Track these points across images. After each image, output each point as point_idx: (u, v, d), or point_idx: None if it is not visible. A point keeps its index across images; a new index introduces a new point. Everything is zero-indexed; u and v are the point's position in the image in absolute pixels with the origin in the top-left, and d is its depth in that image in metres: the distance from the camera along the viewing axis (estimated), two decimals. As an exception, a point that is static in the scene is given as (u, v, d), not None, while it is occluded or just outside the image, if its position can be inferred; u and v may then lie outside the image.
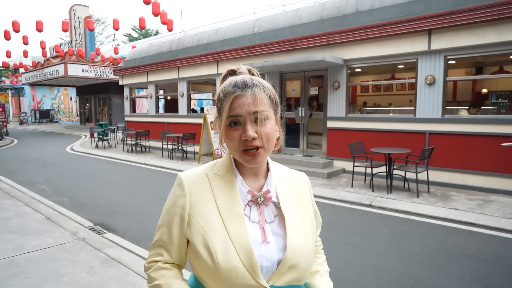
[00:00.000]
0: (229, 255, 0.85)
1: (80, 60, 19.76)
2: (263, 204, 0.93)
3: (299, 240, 0.91)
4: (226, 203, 0.91)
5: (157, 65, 12.77)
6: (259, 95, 0.88)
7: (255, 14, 18.79)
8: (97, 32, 37.14)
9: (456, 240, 4.23)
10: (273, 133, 0.90)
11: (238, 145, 0.88)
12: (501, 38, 5.85)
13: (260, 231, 0.90)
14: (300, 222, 0.95)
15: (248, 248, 0.85)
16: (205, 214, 0.90)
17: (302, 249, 0.91)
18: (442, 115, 6.66)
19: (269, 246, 0.89)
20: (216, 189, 0.93)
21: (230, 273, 0.84)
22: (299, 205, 0.98)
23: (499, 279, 3.22)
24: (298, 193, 1.00)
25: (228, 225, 0.88)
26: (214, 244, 0.86)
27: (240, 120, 0.87)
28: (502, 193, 5.98)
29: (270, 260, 0.88)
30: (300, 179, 1.05)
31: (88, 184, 7.57)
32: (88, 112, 26.99)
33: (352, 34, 7.52)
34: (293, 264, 0.88)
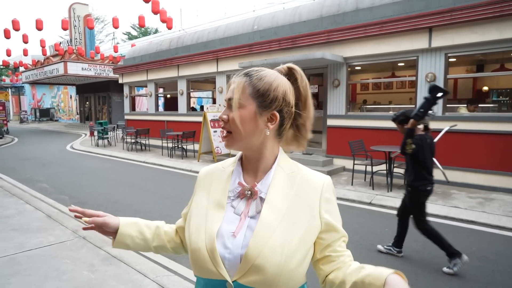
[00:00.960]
0: (198, 238, 0.91)
1: (80, 59, 19.74)
2: (251, 199, 0.94)
3: (270, 241, 0.86)
4: (215, 193, 0.97)
5: (156, 63, 12.74)
6: (237, 84, 0.94)
7: (255, 12, 18.74)
8: (96, 30, 37.09)
9: (456, 238, 4.22)
10: (243, 122, 0.91)
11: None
12: (502, 36, 5.83)
13: (237, 223, 0.91)
14: (285, 224, 0.89)
15: (211, 234, 0.90)
16: (198, 201, 1.00)
17: (273, 251, 0.85)
18: (443, 113, 6.64)
19: (235, 239, 0.89)
20: (215, 180, 1.01)
21: (196, 254, 0.90)
22: (295, 207, 0.92)
23: (500, 278, 3.22)
24: (299, 196, 0.93)
25: (208, 213, 0.95)
26: (192, 225, 0.95)
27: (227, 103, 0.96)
28: (503, 191, 5.98)
29: (232, 253, 0.88)
30: (313, 181, 0.96)
31: (88, 182, 7.56)
32: (88, 111, 26.97)
33: (352, 32, 7.50)
34: (257, 265, 0.84)
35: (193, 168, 8.94)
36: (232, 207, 0.94)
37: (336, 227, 0.95)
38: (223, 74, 10.66)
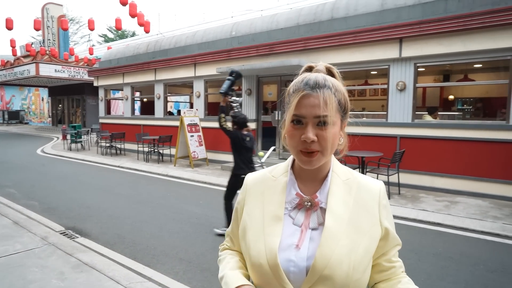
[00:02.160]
0: (258, 253, 0.88)
1: (53, 60, 19.17)
2: (311, 209, 0.91)
3: (336, 251, 0.84)
4: (271, 205, 0.94)
5: (133, 66, 12.57)
6: (328, 99, 0.85)
7: (233, 18, 18.85)
8: (71, 32, 36.11)
9: (424, 239, 4.41)
10: (334, 139, 0.88)
11: (297, 144, 0.87)
12: (466, 48, 6.17)
13: (299, 236, 0.89)
14: (349, 233, 0.87)
15: (273, 249, 0.87)
16: (251, 212, 0.97)
17: (340, 261, 0.83)
18: (412, 120, 6.92)
19: (299, 251, 0.86)
20: (268, 191, 0.97)
21: (257, 269, 0.89)
22: (356, 215, 0.90)
23: (463, 276, 3.39)
24: (359, 203, 0.91)
25: (266, 225, 0.91)
26: (250, 240, 0.92)
27: (304, 120, 0.86)
28: (467, 194, 6.29)
29: (297, 266, 0.85)
30: (370, 188, 0.94)
31: (59, 187, 7.34)
32: (61, 114, 26.15)
33: (327, 40, 7.70)
34: (325, 275, 0.83)
35: (169, 173, 8.85)
36: (290, 217, 0.92)
37: (394, 234, 0.95)
38: (201, 79, 10.65)
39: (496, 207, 5.53)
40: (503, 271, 3.51)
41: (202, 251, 4.05)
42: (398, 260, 0.97)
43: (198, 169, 9.24)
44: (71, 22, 36.54)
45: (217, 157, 10.17)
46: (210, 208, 5.84)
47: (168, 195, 6.86)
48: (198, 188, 7.46)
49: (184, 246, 4.19)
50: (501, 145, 6.00)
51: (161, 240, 4.39)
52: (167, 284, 3.29)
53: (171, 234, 4.64)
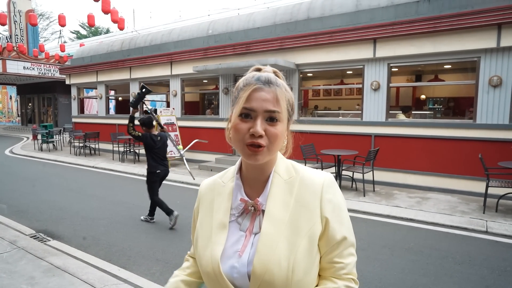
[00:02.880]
0: (206, 261, 0.89)
1: (21, 57, 18.39)
2: (256, 214, 0.90)
3: (274, 256, 0.84)
4: (219, 212, 0.94)
5: (107, 64, 12.25)
6: (279, 95, 0.87)
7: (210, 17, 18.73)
8: (41, 27, 34.74)
9: (397, 235, 4.55)
10: (281, 136, 0.87)
11: (243, 137, 0.85)
12: (435, 49, 6.40)
13: (243, 242, 0.89)
14: (287, 235, 0.86)
15: (215, 258, 0.87)
16: (202, 221, 0.97)
17: (278, 265, 0.83)
18: (386, 119, 7.12)
19: (241, 258, 0.87)
20: (217, 198, 0.97)
21: (207, 277, 0.90)
22: (297, 215, 0.88)
23: (433, 269, 3.53)
24: (299, 202, 0.89)
25: (213, 234, 0.92)
26: (199, 248, 0.93)
27: (253, 114, 0.85)
28: (438, 190, 6.54)
29: (239, 272, 0.86)
30: (312, 183, 0.91)
31: (29, 189, 7.06)
32: (31, 113, 25.12)
33: (303, 39, 7.79)
34: (266, 281, 0.83)
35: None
36: (237, 223, 0.92)
37: (337, 231, 0.89)
38: (177, 78, 10.52)
39: (464, 202, 5.79)
40: (470, 262, 3.68)
41: (180, 251, 4.02)
42: (341, 262, 0.89)
43: (175, 169, 9.13)
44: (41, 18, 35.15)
45: (195, 156, 10.09)
46: (188, 208, 5.79)
47: (144, 195, 6.74)
48: (175, 188, 7.37)
49: (161, 247, 4.14)
50: (469, 143, 6.28)
51: (137, 241, 4.32)
52: (143, 285, 3.24)
53: (147, 234, 4.57)
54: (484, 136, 6.14)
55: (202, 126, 10.06)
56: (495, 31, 5.87)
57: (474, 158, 5.97)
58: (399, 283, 3.25)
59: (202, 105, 15.65)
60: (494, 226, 4.65)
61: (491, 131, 6.07)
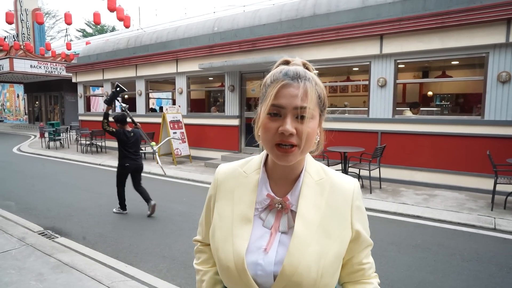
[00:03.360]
0: (226, 255, 0.85)
1: (28, 55, 18.54)
2: (282, 212, 0.88)
3: (305, 258, 0.81)
4: (241, 204, 0.89)
5: (113, 62, 12.30)
6: (309, 90, 0.81)
7: (215, 14, 18.70)
8: (47, 26, 34.99)
9: (404, 232, 4.53)
10: (313, 134, 0.83)
11: (272, 137, 0.81)
12: (443, 45, 6.33)
13: (268, 239, 0.85)
14: (319, 238, 0.84)
15: (240, 253, 0.83)
16: (221, 211, 0.92)
17: (308, 268, 0.81)
18: (393, 116, 7.07)
19: (267, 255, 0.83)
20: (238, 188, 0.92)
21: (225, 272, 0.86)
22: (328, 219, 0.87)
23: (441, 267, 3.50)
24: (331, 205, 0.88)
25: (235, 226, 0.87)
26: (218, 241, 0.89)
27: (282, 112, 0.80)
28: (444, 187, 6.48)
29: (264, 270, 0.83)
30: (343, 188, 0.91)
31: (37, 186, 7.14)
32: (38, 111, 25.35)
33: (310, 36, 7.75)
34: (293, 282, 0.80)
35: (151, 170, 8.74)
36: (260, 219, 0.88)
37: (365, 236, 0.92)
38: (183, 75, 10.53)
39: (472, 200, 5.73)
40: (478, 260, 3.64)
41: (186, 248, 4.03)
42: (369, 262, 0.95)
43: (181, 166, 9.17)
44: (47, 16, 35.40)
45: (201, 154, 10.11)
46: (194, 205, 5.81)
47: (151, 192, 6.77)
48: (181, 186, 7.40)
49: (168, 244, 4.16)
50: (477, 139, 6.20)
51: (144, 238, 4.34)
52: (151, 282, 3.26)
53: (154, 231, 4.59)
54: (492, 132, 6.06)
55: (208, 123, 10.07)
56: (504, 26, 5.77)
57: (482, 155, 5.90)
58: (407, 280, 3.23)
59: (207, 103, 15.66)
60: (503, 224, 4.60)
61: (499, 127, 6.00)
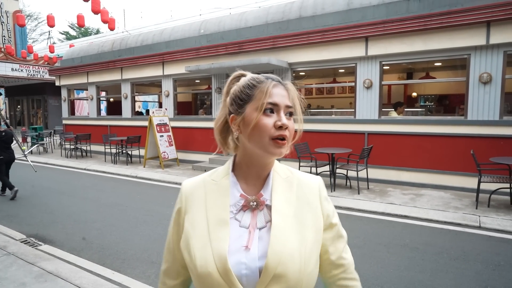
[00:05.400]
0: (206, 261, 0.83)
1: (9, 58, 18.07)
2: (257, 209, 0.89)
3: (287, 246, 0.84)
4: (215, 209, 0.89)
5: (98, 65, 12.11)
6: (293, 93, 0.91)
7: (201, 16, 18.65)
8: (29, 28, 34.24)
9: (392, 232, 4.57)
10: (293, 131, 0.91)
11: (269, 132, 0.85)
12: (426, 47, 6.45)
13: (247, 237, 0.86)
14: (297, 229, 0.88)
15: (222, 254, 0.83)
16: (193, 220, 0.90)
17: (291, 256, 0.83)
18: (379, 117, 7.15)
19: (249, 252, 0.84)
20: (209, 195, 0.92)
21: (206, 279, 0.83)
22: (300, 210, 0.91)
23: (429, 266, 3.54)
24: (301, 198, 0.93)
25: (211, 231, 0.86)
26: (194, 249, 0.86)
27: (275, 109, 0.87)
28: (431, 187, 6.59)
29: (249, 267, 0.83)
30: (309, 183, 0.97)
31: (19, 193, 6.92)
32: (20, 115, 24.74)
33: (296, 38, 7.79)
34: (278, 273, 0.81)
35: (138, 174, 8.62)
36: (236, 220, 0.89)
37: (338, 225, 0.98)
38: (169, 78, 10.44)
39: (457, 198, 5.84)
40: (464, 258, 3.70)
41: (175, 253, 3.97)
42: (348, 257, 0.98)
43: (168, 170, 9.07)
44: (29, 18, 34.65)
45: (188, 157, 10.03)
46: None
47: (138, 197, 6.68)
48: (169, 189, 7.31)
49: (156, 249, 4.09)
50: (460, 139, 6.34)
51: (131, 244, 4.26)
52: (139, 288, 3.20)
53: (141, 237, 4.51)
54: (475, 132, 6.20)
55: (195, 126, 10.00)
56: (484, 28, 5.93)
57: (466, 154, 6.03)
58: (396, 280, 3.26)
59: (194, 105, 15.57)
60: (487, 221, 4.70)
61: (482, 127, 6.14)
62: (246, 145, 0.90)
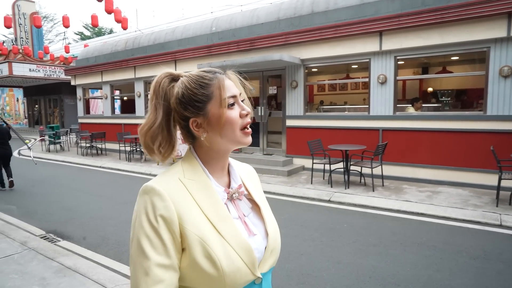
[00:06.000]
0: (231, 259, 0.82)
1: (27, 59, 18.50)
2: (236, 200, 0.94)
3: (275, 225, 0.98)
4: (210, 207, 0.86)
5: (112, 64, 12.26)
6: (236, 79, 0.93)
7: (213, 14, 18.66)
8: (45, 29, 34.92)
9: (409, 230, 4.49)
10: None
11: (239, 123, 0.89)
12: (443, 40, 6.29)
13: (243, 226, 0.90)
14: (269, 209, 1.01)
15: (247, 247, 0.85)
16: (196, 222, 0.83)
17: (277, 232, 0.97)
18: (394, 113, 7.03)
19: (256, 237, 0.91)
20: (196, 194, 0.86)
21: (234, 275, 0.82)
22: (260, 192, 1.03)
23: (447, 264, 3.47)
24: (254, 182, 1.05)
25: (220, 229, 0.84)
26: (215, 250, 0.81)
27: (235, 100, 0.89)
28: (448, 184, 6.45)
29: (260, 251, 0.90)
30: (250, 169, 1.09)
31: (38, 190, 7.10)
32: (38, 114, 25.33)
33: (308, 34, 7.71)
34: (273, 248, 0.93)
35: (152, 172, 8.71)
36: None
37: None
38: (182, 76, 10.49)
39: (476, 196, 5.70)
40: (485, 257, 3.61)
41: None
42: None
43: (182, 167, 9.12)
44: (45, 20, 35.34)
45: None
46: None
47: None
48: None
49: (171, 246, 4.11)
50: (479, 135, 6.17)
51: (146, 241, 4.30)
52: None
53: (156, 234, 4.54)
54: (495, 127, 6.02)
55: (208, 124, 10.02)
56: (505, 20, 5.74)
57: (486, 151, 5.86)
58: (413, 279, 3.19)
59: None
60: (509, 220, 4.57)
61: (502, 122, 5.96)
62: (218, 141, 0.89)
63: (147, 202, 0.83)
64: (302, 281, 3.21)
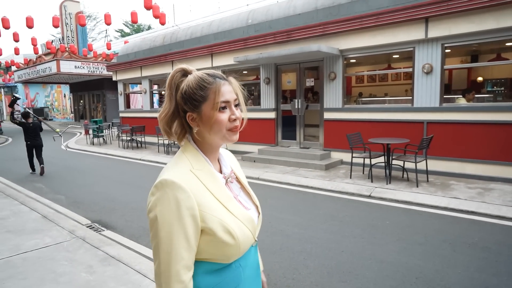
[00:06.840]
0: (242, 230, 1.03)
1: (73, 57, 19.50)
2: (229, 182, 1.12)
3: (258, 200, 1.20)
4: (219, 191, 1.03)
5: (150, 59, 12.59)
6: (236, 84, 1.08)
7: (249, 6, 18.57)
8: (88, 28, 36.62)
9: (458, 229, 4.21)
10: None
11: (226, 125, 1.02)
12: (499, 25, 5.78)
13: (239, 203, 1.09)
14: (247, 184, 1.22)
15: (250, 219, 1.07)
16: (212, 207, 1.00)
17: (260, 207, 1.20)
18: (440, 104, 6.61)
19: (251, 211, 1.12)
20: (206, 183, 1.02)
21: (245, 242, 1.03)
22: (242, 173, 1.24)
23: (505, 268, 3.20)
24: (236, 165, 1.24)
25: (230, 208, 1.03)
26: (231, 225, 1.00)
27: (227, 105, 1.03)
28: (502, 181, 5.97)
29: (255, 220, 1.13)
30: (230, 154, 1.27)
31: (84, 181, 7.46)
32: (82, 109, 26.73)
33: (347, 23, 7.42)
34: (260, 218, 1.17)
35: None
36: None
37: None
38: (218, 69, 10.40)
39: (534, 193, 5.23)
40: (548, 261, 3.29)
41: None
42: None
43: (218, 160, 9.21)
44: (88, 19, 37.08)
45: (237, 147, 10.10)
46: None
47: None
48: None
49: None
50: (538, 127, 5.64)
51: (185, 233, 4.36)
52: (194, 277, 3.25)
53: (195, 226, 4.60)
54: (557, 119, 5.47)
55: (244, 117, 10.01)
56: None
57: (546, 145, 5.35)
58: (466, 283, 2.97)
59: (242, 96, 15.62)
60: None
61: None
62: (207, 136, 1.05)
63: (169, 196, 0.95)
64: (343, 279, 3.09)
